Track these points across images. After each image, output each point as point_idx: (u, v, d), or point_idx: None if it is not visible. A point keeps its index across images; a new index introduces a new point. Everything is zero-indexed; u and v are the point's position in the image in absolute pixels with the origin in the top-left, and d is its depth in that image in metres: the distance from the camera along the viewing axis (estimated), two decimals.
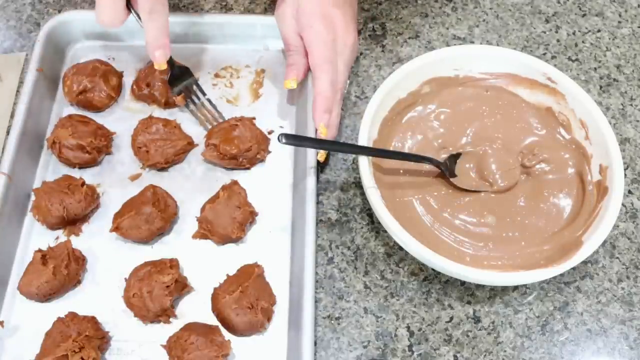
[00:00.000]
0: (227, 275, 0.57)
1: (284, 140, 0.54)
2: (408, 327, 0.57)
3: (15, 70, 0.70)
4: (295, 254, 0.59)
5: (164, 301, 0.55)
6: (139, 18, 0.58)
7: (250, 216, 0.59)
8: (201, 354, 0.51)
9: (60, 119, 0.64)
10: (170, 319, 0.56)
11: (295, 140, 0.58)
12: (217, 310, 0.55)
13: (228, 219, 0.58)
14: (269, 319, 0.56)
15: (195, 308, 0.57)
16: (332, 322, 0.57)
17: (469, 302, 0.58)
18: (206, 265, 0.59)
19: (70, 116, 0.64)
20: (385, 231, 0.54)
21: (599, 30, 0.75)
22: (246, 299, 0.54)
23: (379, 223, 0.56)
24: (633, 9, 0.77)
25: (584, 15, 0.76)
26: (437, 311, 0.58)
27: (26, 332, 0.56)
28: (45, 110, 0.66)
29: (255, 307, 0.54)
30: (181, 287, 0.57)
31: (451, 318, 0.58)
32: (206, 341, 0.52)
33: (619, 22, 0.76)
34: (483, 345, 0.56)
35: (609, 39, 0.74)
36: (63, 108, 0.67)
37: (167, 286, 0.55)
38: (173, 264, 0.57)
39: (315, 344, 0.56)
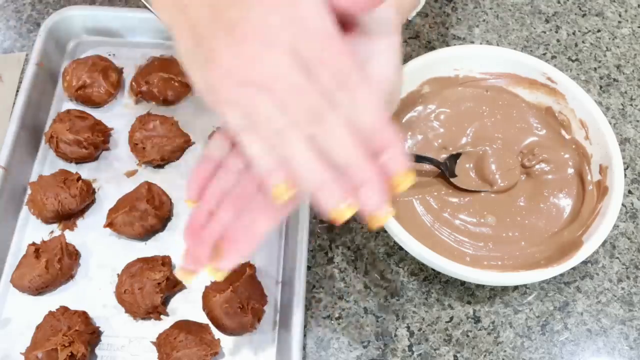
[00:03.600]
0: None
1: None
2: (408, 327, 0.57)
3: (15, 70, 0.70)
4: (287, 255, 0.59)
5: (155, 298, 0.55)
6: None
7: None
8: (190, 352, 0.51)
9: (58, 114, 0.64)
10: (161, 316, 0.56)
11: None
12: (207, 309, 0.55)
13: None
14: (259, 319, 0.56)
15: (186, 306, 0.57)
16: (332, 322, 0.57)
17: (469, 302, 0.58)
18: None
19: (68, 111, 0.64)
20: (385, 231, 0.54)
21: (599, 30, 0.75)
22: (237, 299, 0.54)
23: None
24: (633, 9, 0.77)
25: (584, 15, 0.76)
26: (437, 311, 0.58)
27: (18, 325, 0.56)
28: (44, 105, 0.67)
29: (245, 307, 0.54)
30: (173, 284, 0.57)
31: (451, 318, 0.58)
32: (195, 339, 0.52)
33: (619, 22, 0.76)
34: (483, 345, 0.56)
35: (609, 39, 0.74)
36: (62, 103, 0.68)
37: (159, 283, 0.55)
38: (165, 261, 0.57)
39: (315, 344, 0.56)
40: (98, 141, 0.63)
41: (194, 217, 0.40)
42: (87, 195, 0.61)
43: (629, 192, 0.65)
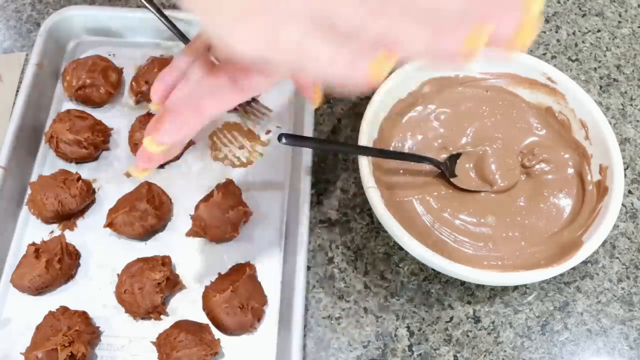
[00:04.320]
0: (219, 273, 0.57)
1: (284, 140, 0.54)
2: (408, 327, 0.57)
3: (15, 70, 0.70)
4: (287, 255, 0.59)
5: (155, 298, 0.55)
6: None
7: (244, 216, 0.59)
8: (190, 352, 0.51)
9: (58, 114, 0.64)
10: (161, 316, 0.56)
11: (296, 140, 0.58)
12: (207, 309, 0.55)
13: (222, 218, 0.58)
14: (259, 319, 0.56)
15: (186, 306, 0.57)
16: (332, 322, 0.57)
17: (469, 302, 0.58)
18: (199, 263, 0.59)
19: (68, 111, 0.64)
20: (385, 231, 0.54)
21: (599, 30, 0.75)
22: (237, 299, 0.54)
23: (379, 223, 0.56)
24: (633, 9, 0.77)
25: (584, 15, 0.76)
26: (437, 311, 0.58)
27: (18, 325, 0.56)
28: (44, 105, 0.67)
29: (245, 307, 0.54)
30: (173, 284, 0.57)
31: (451, 318, 0.58)
32: (195, 339, 0.52)
33: (619, 22, 0.76)
34: (483, 345, 0.56)
35: (609, 39, 0.74)
36: (62, 103, 0.68)
37: (159, 283, 0.55)
38: (165, 261, 0.57)
39: (315, 344, 0.56)
40: (98, 141, 0.63)
41: (153, 120, 0.41)
42: (87, 195, 0.61)
43: (629, 192, 0.65)
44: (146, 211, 0.58)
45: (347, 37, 0.29)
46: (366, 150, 0.56)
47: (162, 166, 0.64)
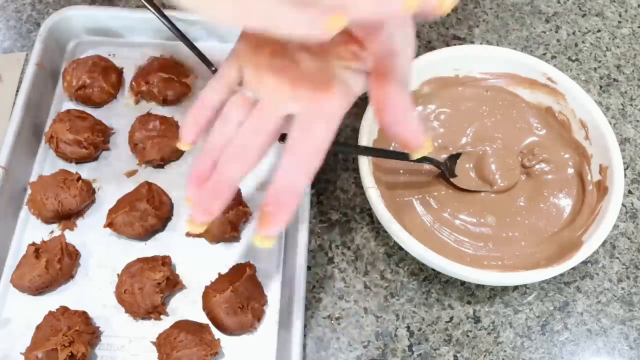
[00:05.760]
0: (219, 274, 0.57)
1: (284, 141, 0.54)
2: (408, 327, 0.57)
3: (15, 70, 0.70)
4: (287, 255, 0.59)
5: (155, 298, 0.55)
6: None
7: (244, 216, 0.59)
8: (190, 352, 0.51)
9: (58, 114, 0.64)
10: (161, 316, 0.56)
11: None
12: (207, 309, 0.55)
13: (222, 218, 0.58)
14: (259, 319, 0.56)
15: (186, 306, 0.57)
16: (332, 322, 0.57)
17: (469, 302, 0.58)
18: (199, 263, 0.59)
19: (68, 111, 0.64)
20: (385, 231, 0.54)
21: (599, 30, 0.75)
22: (237, 299, 0.54)
23: (379, 223, 0.56)
24: (633, 9, 0.77)
25: (584, 15, 0.76)
26: (437, 311, 0.58)
27: (18, 325, 0.56)
28: (44, 105, 0.67)
29: (245, 307, 0.54)
30: (173, 284, 0.57)
31: (451, 318, 0.58)
32: (195, 339, 0.52)
33: (619, 22, 0.76)
34: (483, 345, 0.56)
35: (609, 39, 0.74)
36: (62, 103, 0.68)
37: (159, 283, 0.55)
38: (165, 261, 0.57)
39: (315, 344, 0.56)
40: (98, 141, 0.63)
41: (197, 167, 0.40)
42: (87, 195, 0.61)
43: (629, 192, 0.65)
44: (146, 211, 0.58)
45: (307, 5, 0.33)
46: (366, 150, 0.56)
47: (162, 166, 0.64)
